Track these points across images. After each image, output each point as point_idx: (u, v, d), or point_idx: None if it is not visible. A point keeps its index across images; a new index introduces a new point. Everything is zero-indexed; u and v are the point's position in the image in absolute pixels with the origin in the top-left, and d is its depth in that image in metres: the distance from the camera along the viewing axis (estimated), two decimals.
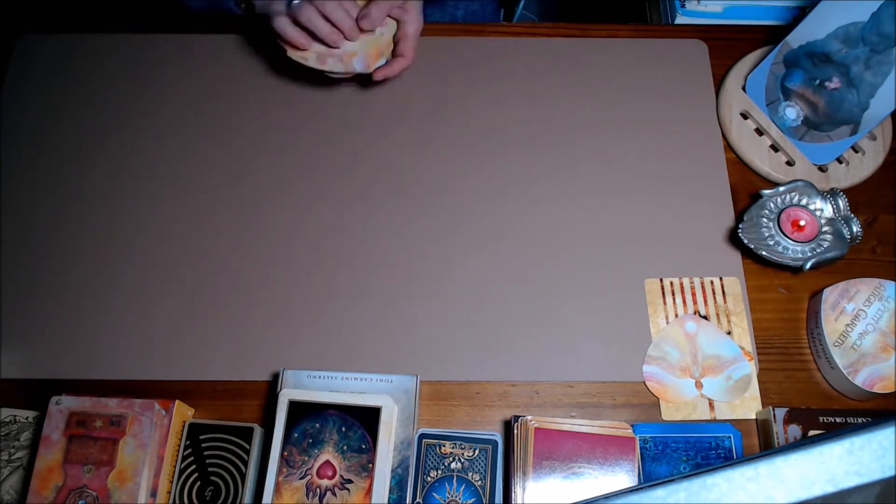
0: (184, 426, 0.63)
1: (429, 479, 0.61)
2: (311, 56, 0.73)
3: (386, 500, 0.59)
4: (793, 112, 0.77)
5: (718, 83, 0.82)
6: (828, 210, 0.71)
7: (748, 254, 0.72)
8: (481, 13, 1.00)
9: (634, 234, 0.75)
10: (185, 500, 0.61)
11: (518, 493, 0.59)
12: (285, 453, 0.60)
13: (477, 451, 0.62)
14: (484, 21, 1.02)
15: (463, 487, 0.61)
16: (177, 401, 0.63)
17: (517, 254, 0.74)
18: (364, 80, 0.81)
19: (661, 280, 0.72)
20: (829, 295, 0.68)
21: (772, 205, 0.71)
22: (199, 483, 0.62)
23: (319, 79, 0.78)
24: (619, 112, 0.81)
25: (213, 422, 0.64)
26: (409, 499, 0.60)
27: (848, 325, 0.65)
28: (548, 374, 0.69)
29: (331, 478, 0.59)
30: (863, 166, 0.77)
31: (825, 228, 0.70)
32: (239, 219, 0.76)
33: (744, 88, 0.80)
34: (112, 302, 0.72)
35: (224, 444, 0.63)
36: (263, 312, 0.71)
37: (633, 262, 0.73)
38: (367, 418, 0.60)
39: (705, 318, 0.70)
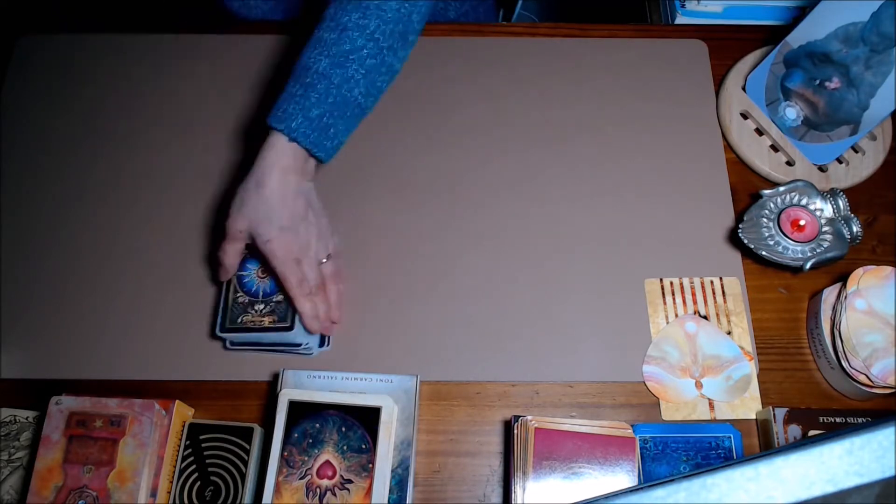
0: (184, 426, 0.63)
1: None
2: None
3: (386, 500, 0.59)
4: (793, 112, 0.77)
5: (718, 83, 0.82)
6: (828, 210, 0.71)
7: (748, 254, 0.72)
8: (473, 14, 0.99)
9: (634, 234, 0.75)
10: (185, 500, 0.61)
11: (518, 493, 0.59)
12: (285, 453, 0.60)
13: None
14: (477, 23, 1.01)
15: None
16: (177, 401, 0.63)
17: (517, 254, 0.74)
18: None
19: (661, 280, 0.72)
20: (829, 295, 0.68)
21: (772, 205, 0.71)
22: (199, 483, 0.62)
23: None
24: (618, 112, 0.81)
25: (213, 422, 0.64)
26: (409, 499, 0.60)
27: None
28: (548, 374, 0.69)
29: (331, 478, 0.59)
30: (863, 166, 0.77)
31: (825, 228, 0.70)
32: None
33: (744, 88, 0.80)
34: (112, 302, 0.72)
35: (224, 444, 0.63)
36: None
37: (633, 262, 0.73)
38: (367, 418, 0.60)
39: (705, 318, 0.70)
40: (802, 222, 0.69)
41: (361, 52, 0.63)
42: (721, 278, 0.72)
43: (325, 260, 0.68)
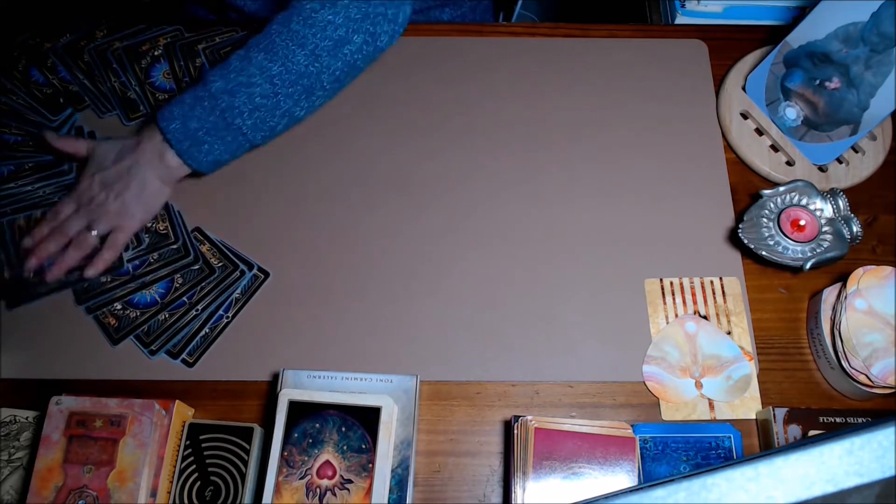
0: (184, 426, 0.63)
1: None
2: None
3: (386, 500, 0.59)
4: (793, 112, 0.77)
5: (718, 83, 0.82)
6: (828, 210, 0.71)
7: (748, 254, 0.72)
8: (471, 17, 0.99)
9: (634, 234, 0.75)
10: (185, 500, 0.61)
11: (518, 493, 0.59)
12: (285, 453, 0.60)
13: None
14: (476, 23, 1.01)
15: None
16: (177, 401, 0.63)
17: (517, 254, 0.74)
18: None
19: (661, 280, 0.72)
20: (829, 295, 0.68)
21: (772, 205, 0.71)
22: (199, 483, 0.62)
23: None
24: (619, 112, 0.81)
25: (213, 422, 0.64)
26: (409, 499, 0.60)
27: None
28: (548, 374, 0.69)
29: (331, 478, 0.59)
30: (863, 166, 0.77)
31: (825, 228, 0.70)
32: (237, 218, 0.76)
33: (744, 88, 0.80)
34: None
35: (224, 444, 0.63)
36: (263, 312, 0.71)
37: (633, 262, 0.73)
38: (367, 418, 0.60)
39: (705, 318, 0.70)
40: (802, 222, 0.69)
41: (253, 90, 0.67)
42: (721, 278, 0.72)
43: (94, 233, 0.69)
